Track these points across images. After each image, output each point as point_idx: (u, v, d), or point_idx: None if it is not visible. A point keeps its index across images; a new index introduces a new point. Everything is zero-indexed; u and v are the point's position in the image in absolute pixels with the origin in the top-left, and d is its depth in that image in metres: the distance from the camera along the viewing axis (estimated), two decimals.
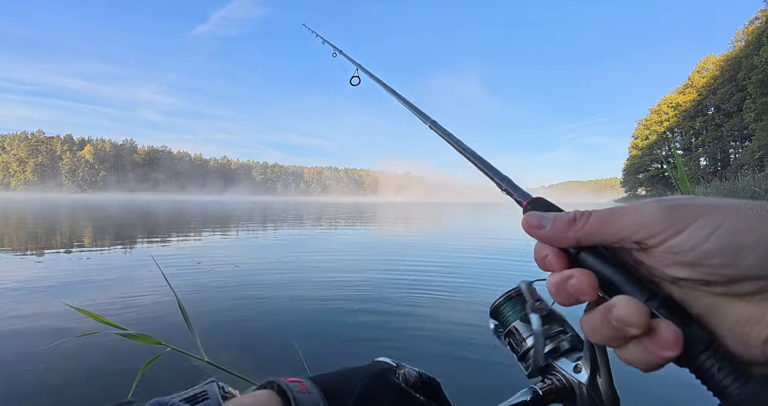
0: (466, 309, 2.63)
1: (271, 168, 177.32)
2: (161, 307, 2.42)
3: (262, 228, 8.89)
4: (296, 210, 20.68)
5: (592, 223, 0.23)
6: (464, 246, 6.16)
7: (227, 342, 1.94)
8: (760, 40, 20.19)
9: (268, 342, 1.95)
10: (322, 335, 2.05)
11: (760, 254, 0.19)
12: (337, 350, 1.84)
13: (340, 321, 2.27)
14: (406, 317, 2.40)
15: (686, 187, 1.46)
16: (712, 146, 32.24)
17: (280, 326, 2.18)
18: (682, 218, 0.21)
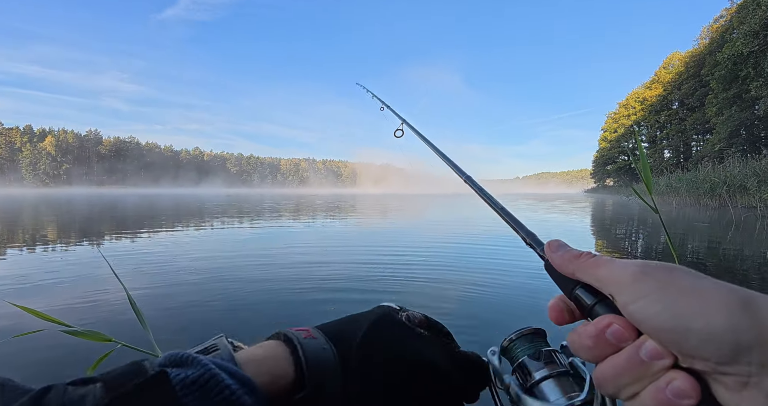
0: (442, 294, 2.70)
1: (246, 160, 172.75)
2: (115, 304, 2.32)
3: (234, 221, 8.69)
4: (273, 202, 20.33)
5: (588, 263, 0.27)
6: (442, 235, 6.22)
7: (185, 336, 1.88)
8: (723, 38, 21.18)
9: (228, 335, 1.90)
10: (285, 325, 2.02)
11: (702, 338, 0.20)
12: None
13: (305, 312, 2.24)
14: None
15: (648, 178, 1.55)
16: (675, 139, 33.78)
17: (243, 319, 2.13)
18: (645, 287, 0.23)
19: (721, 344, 0.20)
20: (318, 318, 2.16)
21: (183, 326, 2.04)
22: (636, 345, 0.23)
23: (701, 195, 14.28)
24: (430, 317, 0.39)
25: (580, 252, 0.28)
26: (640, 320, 0.23)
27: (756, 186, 10.76)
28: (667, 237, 1.89)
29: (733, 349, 0.20)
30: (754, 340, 0.20)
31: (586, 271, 0.27)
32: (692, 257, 4.42)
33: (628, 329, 0.23)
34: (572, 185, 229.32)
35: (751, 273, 3.50)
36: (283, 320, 2.16)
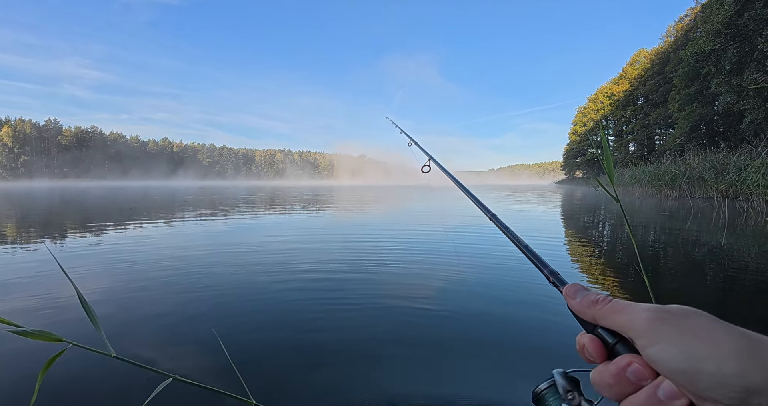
0: (403, 282, 2.74)
1: (219, 151, 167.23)
2: (69, 303, 2.21)
3: (203, 214, 8.44)
4: (247, 194, 19.85)
5: (606, 310, 0.28)
6: (415, 225, 6.27)
7: (139, 335, 1.81)
8: (688, 36, 22.11)
9: (184, 332, 1.83)
10: (243, 321, 1.98)
11: (714, 381, 0.22)
12: (259, 336, 1.78)
13: (265, 307, 2.18)
14: (336, 298, 2.39)
15: (611, 170, 1.65)
16: (640, 133, 35.26)
17: (200, 315, 2.05)
18: (662, 331, 0.24)
19: (732, 388, 0.21)
20: (291, 310, 2.11)
21: (140, 324, 1.95)
22: (654, 385, 0.24)
23: (663, 186, 15.04)
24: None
25: (597, 297, 0.29)
26: (657, 362, 0.24)
27: (713, 178, 11.41)
28: (627, 226, 1.98)
29: (743, 393, 0.21)
30: (762, 384, 0.21)
31: (605, 317, 0.28)
32: (654, 245, 4.66)
33: (647, 369, 0.25)
34: (543, 177, 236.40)
35: (706, 260, 3.73)
36: (248, 318, 2.12)
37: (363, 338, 1.77)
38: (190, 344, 1.73)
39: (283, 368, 1.50)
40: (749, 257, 3.78)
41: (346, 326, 1.90)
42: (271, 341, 1.73)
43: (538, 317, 2.05)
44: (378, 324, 1.94)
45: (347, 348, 1.66)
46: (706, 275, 3.15)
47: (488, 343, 1.74)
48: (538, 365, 1.51)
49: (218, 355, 1.57)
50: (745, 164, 9.40)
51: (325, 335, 1.79)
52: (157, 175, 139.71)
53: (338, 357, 1.58)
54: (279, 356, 1.59)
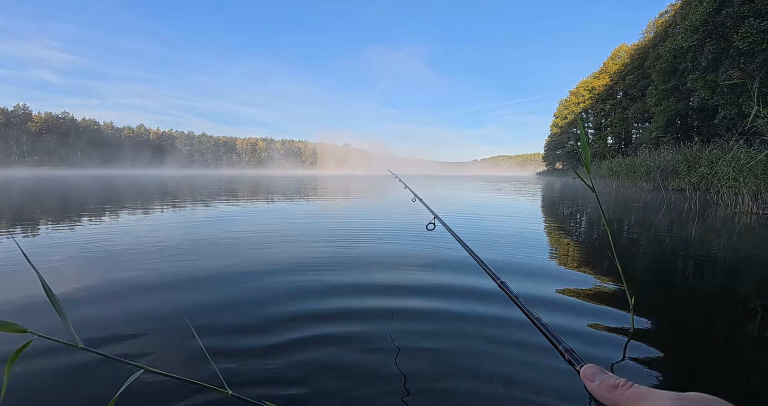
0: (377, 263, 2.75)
1: (198, 139, 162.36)
2: (36, 295, 2.12)
3: (178, 203, 8.23)
4: (230, 184, 19.46)
5: (628, 394, 0.28)
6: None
7: (109, 325, 1.75)
8: (667, 32, 22.59)
9: (156, 322, 1.79)
10: (217, 310, 1.94)
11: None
12: (234, 325, 1.75)
13: (240, 295, 2.14)
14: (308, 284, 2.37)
15: (587, 162, 1.68)
16: (618, 126, 36.13)
17: (173, 304, 2.01)
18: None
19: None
20: (268, 299, 2.08)
21: (110, 314, 1.88)
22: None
23: (638, 178, 15.52)
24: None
25: (617, 381, 0.29)
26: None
27: (686, 170, 11.83)
28: (602, 215, 2.02)
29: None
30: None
31: (627, 403, 0.27)
32: (629, 234, 4.81)
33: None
34: (524, 168, 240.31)
35: (677, 248, 3.88)
36: (222, 307, 2.08)
37: (343, 327, 1.76)
38: (162, 333, 1.68)
39: (260, 357, 1.48)
40: (718, 246, 3.96)
41: (325, 315, 1.89)
42: (247, 331, 1.71)
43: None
44: (358, 313, 1.93)
45: (326, 338, 1.65)
46: (676, 263, 3.28)
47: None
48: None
49: (192, 345, 1.54)
50: (717, 158, 9.77)
51: (304, 324, 1.78)
52: (136, 164, 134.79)
53: (317, 346, 1.57)
54: (255, 346, 1.56)
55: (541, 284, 2.52)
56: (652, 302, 2.26)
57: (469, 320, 1.89)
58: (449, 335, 1.72)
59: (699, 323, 2.01)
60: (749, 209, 7.44)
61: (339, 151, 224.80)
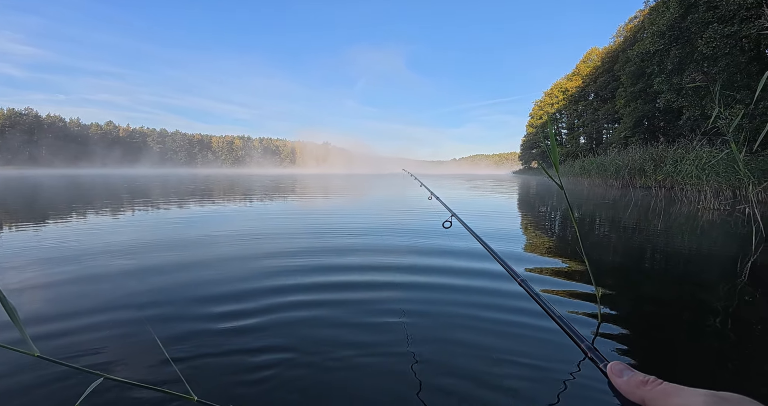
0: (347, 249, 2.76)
1: (171, 136, 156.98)
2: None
3: (147, 204, 7.97)
4: (206, 183, 18.94)
5: (658, 390, 0.28)
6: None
7: (68, 332, 1.66)
8: (635, 37, 23.49)
9: (116, 327, 1.71)
10: (180, 314, 1.87)
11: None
12: (198, 329, 1.70)
13: (203, 299, 2.07)
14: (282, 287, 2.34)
15: (556, 161, 1.77)
16: (589, 127, 37.35)
17: (134, 309, 1.92)
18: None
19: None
20: (232, 302, 2.01)
21: (69, 321, 1.78)
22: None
23: (608, 177, 16.10)
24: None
25: (646, 378, 0.29)
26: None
27: (652, 169, 12.36)
28: (570, 211, 2.08)
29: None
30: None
31: (656, 399, 0.27)
32: (599, 230, 4.98)
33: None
34: (500, 167, 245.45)
35: (645, 244, 4.03)
36: (185, 311, 2.02)
37: (312, 332, 1.72)
38: (122, 340, 1.61)
39: (225, 361, 1.44)
40: (682, 241, 4.15)
41: (292, 318, 1.84)
42: (212, 335, 1.65)
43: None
44: (328, 317, 1.90)
45: (293, 341, 1.61)
46: (643, 257, 3.41)
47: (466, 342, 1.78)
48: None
49: (154, 350, 1.48)
50: (681, 157, 10.24)
51: (270, 328, 1.73)
52: (108, 162, 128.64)
53: (284, 350, 1.54)
54: (221, 350, 1.52)
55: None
56: (618, 294, 2.34)
57: (485, 313, 1.90)
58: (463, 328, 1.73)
59: (664, 312, 2.09)
60: (711, 205, 7.85)
61: (319, 149, 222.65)
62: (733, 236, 4.46)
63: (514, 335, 1.69)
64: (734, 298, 2.26)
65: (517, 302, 2.07)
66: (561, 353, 1.52)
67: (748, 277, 2.69)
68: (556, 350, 1.56)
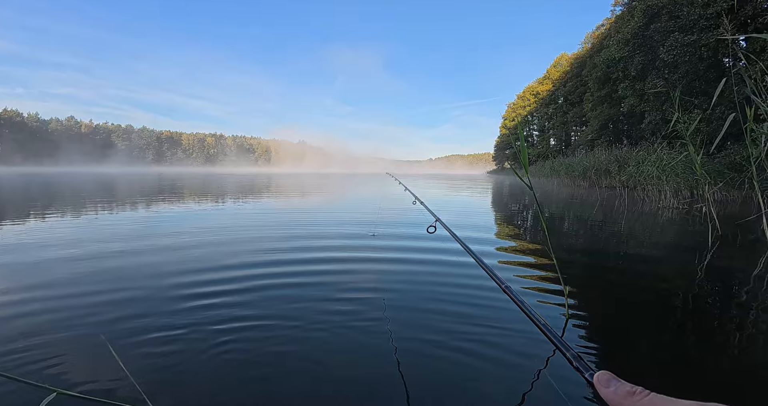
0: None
1: (138, 133, 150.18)
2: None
3: (105, 206, 7.61)
4: (170, 182, 18.25)
5: (645, 402, 0.28)
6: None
7: (17, 346, 1.53)
8: (602, 44, 24.46)
9: (69, 340, 1.59)
10: (136, 324, 1.75)
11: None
12: (155, 339, 1.60)
13: (160, 308, 1.95)
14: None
15: (525, 162, 1.85)
16: (559, 129, 38.65)
17: (87, 319, 1.79)
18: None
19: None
20: (190, 310, 1.90)
21: (17, 333, 1.64)
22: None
23: (576, 177, 16.69)
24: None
25: (633, 389, 0.28)
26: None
27: (617, 170, 12.89)
28: (539, 210, 2.10)
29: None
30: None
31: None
32: (568, 228, 5.13)
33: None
34: (475, 167, 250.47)
35: (610, 241, 4.17)
36: (142, 321, 1.91)
37: (268, 339, 1.65)
38: (77, 351, 1.49)
39: (184, 372, 1.35)
40: (643, 238, 4.32)
41: (251, 326, 1.75)
42: (169, 345, 1.56)
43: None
44: (290, 325, 1.83)
45: (250, 350, 1.54)
46: (608, 254, 3.52)
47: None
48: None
49: (110, 363, 1.38)
50: (643, 159, 10.72)
51: (228, 336, 1.65)
52: (73, 161, 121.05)
53: (243, 358, 1.47)
54: (179, 360, 1.43)
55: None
56: (585, 290, 2.39)
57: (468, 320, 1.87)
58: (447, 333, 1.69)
59: (628, 307, 2.15)
60: (671, 204, 8.26)
61: (295, 148, 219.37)
62: (691, 233, 4.69)
63: (494, 328, 1.68)
64: (693, 291, 2.36)
65: (487, 292, 2.08)
66: (534, 344, 1.53)
67: (705, 272, 2.82)
68: (528, 340, 1.56)
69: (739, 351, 1.59)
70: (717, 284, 2.53)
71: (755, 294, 2.29)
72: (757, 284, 2.48)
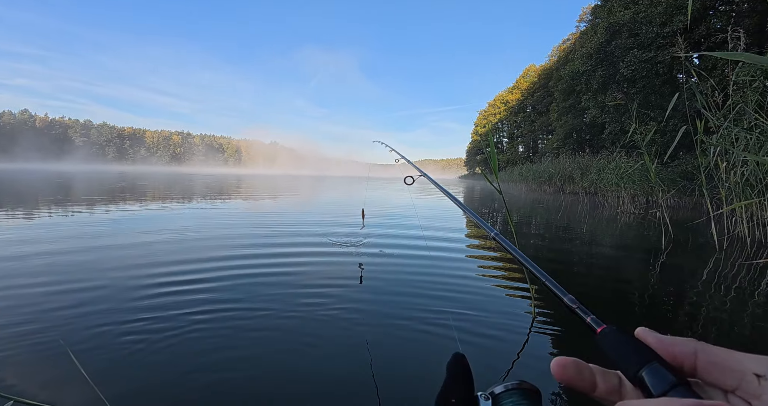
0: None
1: (97, 129, 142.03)
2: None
3: (61, 207, 7.18)
4: (123, 182, 17.39)
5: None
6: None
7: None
8: (568, 57, 25.66)
9: (27, 345, 1.49)
10: (97, 329, 1.65)
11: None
12: (116, 344, 1.52)
13: (121, 312, 1.85)
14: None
15: (495, 168, 1.94)
16: (527, 137, 40.13)
17: (45, 324, 1.68)
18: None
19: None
20: (150, 312, 1.82)
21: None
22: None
23: (542, 183, 17.36)
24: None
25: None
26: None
27: (580, 177, 13.51)
28: (507, 213, 2.16)
29: None
30: None
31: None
32: (535, 231, 5.30)
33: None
34: (447, 171, 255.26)
35: (573, 243, 4.35)
36: (102, 325, 1.81)
37: (234, 342, 1.60)
38: (35, 357, 1.39)
39: (149, 377, 1.29)
40: (604, 241, 4.54)
41: (212, 329, 1.69)
42: (131, 349, 1.47)
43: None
44: (252, 327, 1.79)
45: (214, 353, 1.49)
46: (572, 255, 3.67)
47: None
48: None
49: (71, 369, 1.29)
50: (603, 167, 11.30)
51: (193, 341, 1.58)
52: (29, 158, 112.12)
53: (207, 363, 1.41)
54: (143, 365, 1.36)
55: (455, 275, 2.62)
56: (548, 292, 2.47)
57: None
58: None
59: (590, 302, 2.23)
60: (628, 209, 8.74)
61: (267, 149, 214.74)
62: (647, 236, 4.98)
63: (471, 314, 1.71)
64: (649, 290, 2.50)
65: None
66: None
67: (660, 271, 3.00)
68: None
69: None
70: (671, 283, 2.69)
71: (705, 291, 2.45)
72: (707, 282, 2.67)
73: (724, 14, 11.77)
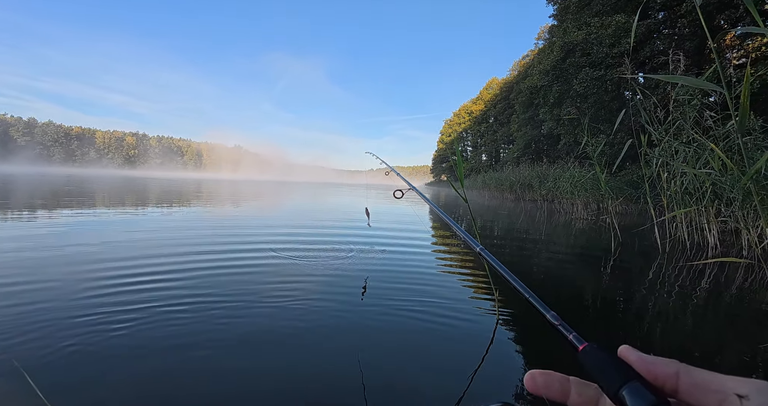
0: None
1: (41, 127, 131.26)
2: None
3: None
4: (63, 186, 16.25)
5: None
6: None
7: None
8: (527, 72, 27.01)
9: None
10: (53, 347, 1.54)
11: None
12: (74, 363, 1.42)
13: (78, 327, 1.71)
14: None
15: (461, 176, 2.03)
16: (490, 146, 41.67)
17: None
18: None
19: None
20: (108, 327, 1.73)
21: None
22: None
23: (504, 190, 18.07)
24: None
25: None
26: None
27: (538, 185, 14.19)
28: (473, 220, 2.25)
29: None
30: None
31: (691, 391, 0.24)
32: (497, 238, 5.50)
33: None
34: (413, 178, 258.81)
35: (533, 247, 4.55)
36: (59, 343, 1.70)
37: (200, 353, 1.55)
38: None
39: (111, 395, 1.21)
40: (560, 245, 4.80)
41: (169, 344, 1.61)
42: (93, 367, 1.38)
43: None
44: (222, 338, 1.74)
45: (176, 367, 1.43)
46: (531, 258, 3.85)
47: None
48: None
49: (27, 391, 1.19)
50: (559, 176, 11.95)
51: (154, 356, 1.51)
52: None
53: (170, 377, 1.36)
54: (104, 382, 1.28)
55: (419, 279, 2.67)
56: (512, 294, 2.58)
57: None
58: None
59: (549, 303, 2.36)
60: (582, 215, 9.29)
61: (230, 152, 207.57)
62: (598, 240, 5.31)
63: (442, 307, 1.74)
64: (601, 290, 2.67)
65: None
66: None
67: (610, 273, 3.22)
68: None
69: (641, 341, 1.83)
70: (620, 284, 2.89)
71: (651, 291, 2.66)
72: (653, 282, 2.89)
73: (668, 37, 12.91)
